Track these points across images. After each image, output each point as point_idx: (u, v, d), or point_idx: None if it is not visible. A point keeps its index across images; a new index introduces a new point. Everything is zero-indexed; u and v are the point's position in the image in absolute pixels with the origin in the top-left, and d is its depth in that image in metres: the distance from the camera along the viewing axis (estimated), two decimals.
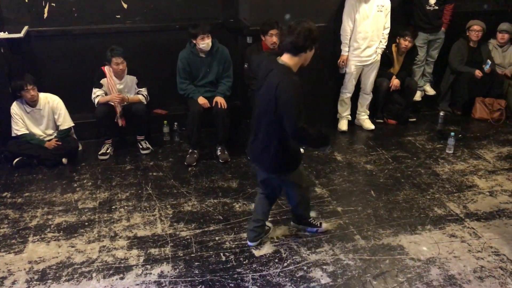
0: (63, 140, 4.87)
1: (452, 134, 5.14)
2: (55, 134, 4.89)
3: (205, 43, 4.72)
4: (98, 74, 4.90)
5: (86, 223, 3.90)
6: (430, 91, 6.37)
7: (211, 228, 3.84)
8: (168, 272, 3.34)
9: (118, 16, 5.25)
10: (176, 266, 3.39)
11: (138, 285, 3.22)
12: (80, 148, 5.10)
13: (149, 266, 3.39)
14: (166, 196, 4.30)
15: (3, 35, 4.69)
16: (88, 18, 5.17)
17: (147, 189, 4.42)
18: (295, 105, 2.93)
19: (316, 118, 5.56)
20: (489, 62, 5.88)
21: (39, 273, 3.33)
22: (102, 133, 5.10)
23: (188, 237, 3.72)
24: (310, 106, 5.16)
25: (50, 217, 3.99)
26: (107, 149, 5.05)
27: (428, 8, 5.80)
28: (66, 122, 4.88)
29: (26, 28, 4.91)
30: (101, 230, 3.80)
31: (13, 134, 4.78)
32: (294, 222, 3.80)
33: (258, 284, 3.22)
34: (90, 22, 5.18)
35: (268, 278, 3.28)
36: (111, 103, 4.88)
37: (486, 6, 6.41)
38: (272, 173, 3.31)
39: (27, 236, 3.74)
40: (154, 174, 4.70)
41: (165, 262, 3.43)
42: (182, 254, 3.52)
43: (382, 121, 5.91)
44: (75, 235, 3.74)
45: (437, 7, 5.80)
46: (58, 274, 3.31)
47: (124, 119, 5.02)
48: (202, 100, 4.80)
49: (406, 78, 5.78)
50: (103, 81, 4.89)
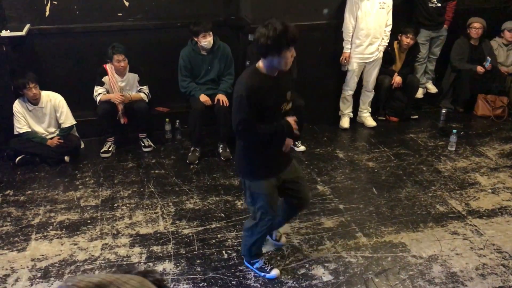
0: (65, 138, 4.87)
1: (454, 131, 5.12)
2: (57, 132, 4.90)
3: (206, 41, 4.72)
4: (100, 72, 4.90)
5: (89, 221, 3.91)
6: (432, 89, 6.35)
7: (213, 225, 3.84)
8: (170, 269, 3.34)
9: (120, 14, 5.24)
10: (178, 264, 3.40)
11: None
12: (82, 146, 5.10)
13: (151, 264, 3.40)
14: (168, 193, 4.31)
15: (5, 33, 4.69)
16: (89, 16, 5.17)
17: (149, 186, 4.42)
18: (235, 104, 2.81)
19: (318, 115, 5.58)
20: (489, 59, 5.86)
21: (42, 270, 3.34)
22: (104, 131, 5.11)
23: (190, 234, 3.73)
24: (312, 104, 5.18)
25: (52, 215, 4.00)
26: (109, 147, 5.05)
27: (430, 5, 5.78)
28: (68, 120, 4.88)
29: (28, 26, 4.91)
30: (103, 228, 3.81)
31: (15, 132, 4.78)
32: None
33: (260, 281, 3.23)
34: (91, 20, 5.18)
35: None
36: (113, 101, 4.89)
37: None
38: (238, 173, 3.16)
39: (30, 234, 3.75)
40: (156, 171, 4.70)
41: (167, 260, 3.44)
42: (184, 252, 3.52)
43: (384, 118, 5.90)
44: (78, 233, 3.75)
45: (439, 4, 5.78)
46: (60, 272, 3.33)
47: (126, 117, 5.02)
48: (203, 97, 4.80)
49: (408, 75, 5.76)
50: (105, 79, 4.90)
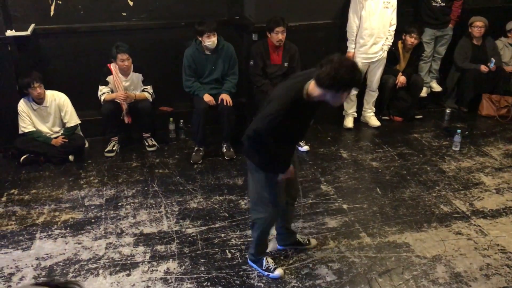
0: (70, 137, 4.89)
1: (458, 131, 5.11)
2: (62, 132, 4.91)
3: (211, 41, 4.72)
4: (104, 71, 4.92)
5: (93, 220, 3.92)
6: (437, 88, 6.33)
7: (217, 225, 3.85)
8: (174, 269, 3.35)
9: (124, 13, 5.26)
10: (182, 263, 3.40)
11: (144, 281, 3.24)
12: (86, 145, 5.11)
13: (155, 263, 3.41)
14: (172, 193, 4.31)
15: (10, 33, 4.71)
16: (94, 15, 5.18)
17: (153, 186, 4.43)
18: (268, 112, 2.71)
19: (321, 115, 5.56)
20: (493, 60, 5.82)
21: (46, 269, 3.36)
22: (108, 130, 5.12)
23: (194, 234, 3.73)
24: None
25: (57, 214, 4.02)
26: (113, 146, 5.07)
27: (434, 4, 5.76)
28: (72, 119, 4.90)
29: (32, 26, 4.93)
30: (107, 227, 3.83)
31: (20, 132, 4.80)
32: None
33: (264, 281, 3.23)
34: (96, 19, 5.19)
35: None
36: (117, 101, 4.90)
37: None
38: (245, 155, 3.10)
39: (35, 232, 3.77)
40: (160, 171, 4.71)
41: (171, 259, 3.45)
42: (188, 251, 3.53)
43: (388, 118, 5.89)
44: (82, 232, 3.77)
45: (443, 4, 5.76)
46: (65, 271, 3.34)
47: (130, 116, 5.03)
48: (207, 97, 4.81)
49: (412, 75, 5.75)
50: (109, 78, 4.91)
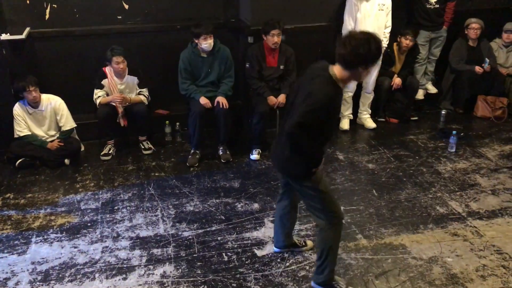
0: (66, 141, 4.87)
1: (454, 132, 5.13)
2: (58, 135, 4.90)
3: (207, 43, 4.72)
4: (99, 75, 4.91)
5: (89, 224, 3.91)
6: (432, 90, 6.36)
7: (213, 228, 3.84)
8: (170, 272, 3.34)
9: (120, 16, 5.25)
10: (178, 266, 3.40)
11: (140, 285, 3.23)
12: (82, 149, 5.11)
13: (151, 267, 3.40)
14: (168, 196, 4.31)
15: (5, 37, 4.69)
16: (89, 19, 5.17)
17: (149, 189, 4.43)
18: (308, 106, 2.64)
19: None
20: (487, 60, 5.85)
21: (42, 274, 3.34)
22: (104, 133, 5.12)
23: (190, 237, 3.73)
24: None
25: (52, 218, 4.01)
26: (109, 149, 5.06)
27: (428, 6, 5.79)
28: (68, 123, 4.89)
29: (27, 29, 4.92)
30: (103, 231, 3.81)
31: (15, 136, 4.78)
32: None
33: (261, 284, 3.23)
34: (91, 23, 5.18)
35: (270, 278, 3.29)
36: (113, 104, 4.89)
37: (470, 4, 6.26)
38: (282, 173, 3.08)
39: (30, 237, 3.75)
40: (156, 174, 4.71)
41: (167, 263, 3.44)
42: (184, 254, 3.52)
43: (384, 119, 5.91)
44: (78, 236, 3.76)
45: (437, 6, 5.79)
46: (61, 275, 3.33)
47: (126, 119, 5.03)
48: (203, 100, 4.81)
49: (408, 76, 5.77)
50: (104, 81, 4.90)
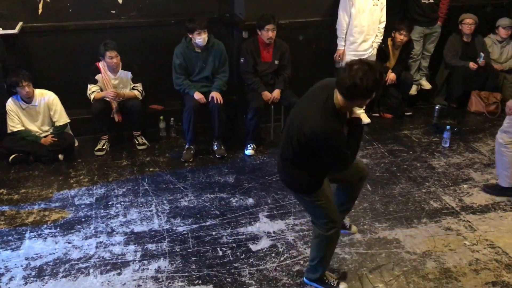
0: (59, 136, 4.85)
1: (448, 127, 5.15)
2: (51, 131, 4.88)
3: (201, 38, 4.71)
4: (93, 70, 4.88)
5: (83, 219, 3.90)
6: (426, 85, 6.37)
7: (208, 223, 3.84)
8: (165, 267, 3.35)
9: (113, 11, 5.22)
10: (173, 261, 3.40)
11: (135, 280, 3.23)
12: (76, 144, 5.09)
13: (146, 262, 3.40)
14: (163, 191, 4.30)
15: None
16: (83, 13, 5.13)
17: (144, 184, 4.42)
18: (340, 149, 2.63)
19: None
20: (482, 55, 5.87)
21: (36, 269, 3.34)
22: (98, 129, 5.09)
23: (185, 232, 3.73)
24: None
25: (46, 213, 3.99)
26: (103, 145, 5.04)
27: (423, 1, 5.79)
28: (62, 118, 4.86)
29: (20, 24, 4.87)
30: (98, 226, 3.81)
31: (8, 131, 4.76)
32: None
33: (255, 278, 3.24)
34: (85, 17, 5.15)
35: (265, 272, 3.29)
36: (107, 99, 4.87)
37: None
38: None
39: (24, 232, 3.74)
40: (151, 169, 4.70)
41: (162, 258, 3.44)
42: (179, 249, 3.53)
43: (378, 115, 5.92)
44: (72, 231, 3.75)
45: (432, 1, 5.79)
46: (55, 271, 3.32)
47: (120, 115, 5.01)
48: (198, 95, 4.80)
49: (402, 72, 5.78)
50: (98, 76, 4.88)
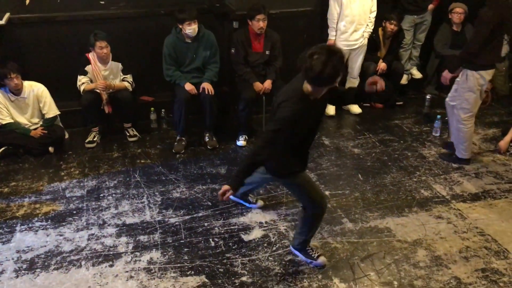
0: (49, 128, 4.81)
1: (438, 117, 5.17)
2: (41, 123, 4.84)
3: (191, 29, 4.67)
4: (82, 61, 4.84)
5: (74, 212, 3.89)
6: (417, 75, 6.39)
7: (200, 214, 3.85)
8: (157, 258, 3.35)
9: (102, 2, 5.16)
10: (165, 253, 3.40)
11: (127, 272, 3.23)
12: (66, 136, 5.05)
13: (138, 253, 3.40)
14: (155, 183, 4.29)
15: None
16: (71, 4, 5.06)
17: (135, 176, 4.40)
18: (278, 121, 2.71)
19: None
20: None
21: (28, 262, 3.32)
22: (88, 121, 5.06)
23: (177, 223, 3.73)
24: None
25: (37, 206, 3.97)
26: (94, 137, 5.01)
27: None
28: (51, 110, 4.82)
29: (8, 15, 4.81)
30: (89, 218, 3.79)
31: None
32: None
33: (248, 268, 3.25)
34: (73, 8, 5.08)
35: (257, 262, 3.31)
36: (97, 90, 4.84)
37: None
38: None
39: (15, 225, 3.72)
40: (142, 161, 4.68)
41: (154, 249, 3.44)
42: (171, 241, 3.53)
43: (369, 105, 5.93)
44: (63, 224, 3.73)
45: None
46: (46, 263, 3.31)
47: (110, 106, 4.97)
48: (189, 86, 4.77)
49: (393, 61, 5.79)
50: (88, 68, 4.83)
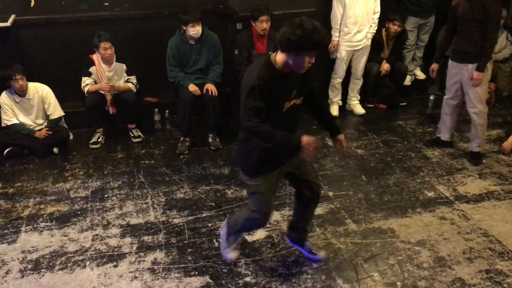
0: (54, 129, 4.84)
1: None
2: (46, 124, 4.87)
3: (195, 30, 4.69)
4: (87, 62, 4.86)
5: (79, 212, 3.91)
6: (420, 75, 6.38)
7: (204, 214, 3.86)
8: (161, 259, 3.36)
9: (107, 3, 5.19)
10: (169, 253, 3.41)
11: (131, 272, 3.24)
12: (71, 137, 5.08)
13: (142, 254, 3.41)
14: (158, 183, 4.31)
15: None
16: (76, 6, 5.10)
17: (139, 177, 4.42)
18: (245, 95, 2.53)
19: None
20: None
21: (33, 262, 3.34)
22: (93, 122, 5.09)
23: (181, 224, 3.74)
24: None
25: (42, 206, 3.99)
26: (98, 138, 5.03)
27: None
28: (56, 111, 4.85)
29: (13, 17, 4.84)
30: (93, 219, 3.81)
31: (2, 125, 4.75)
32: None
33: (251, 269, 3.26)
34: (78, 10, 5.12)
35: (261, 263, 3.32)
36: (101, 92, 4.86)
37: None
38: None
39: (20, 226, 3.74)
40: (146, 162, 4.70)
41: (158, 249, 3.45)
42: (175, 241, 3.54)
43: (372, 105, 5.93)
44: (68, 224, 3.75)
45: None
46: (51, 263, 3.33)
47: (114, 107, 4.99)
48: (192, 87, 4.79)
49: (396, 62, 5.78)
50: (92, 69, 4.86)
